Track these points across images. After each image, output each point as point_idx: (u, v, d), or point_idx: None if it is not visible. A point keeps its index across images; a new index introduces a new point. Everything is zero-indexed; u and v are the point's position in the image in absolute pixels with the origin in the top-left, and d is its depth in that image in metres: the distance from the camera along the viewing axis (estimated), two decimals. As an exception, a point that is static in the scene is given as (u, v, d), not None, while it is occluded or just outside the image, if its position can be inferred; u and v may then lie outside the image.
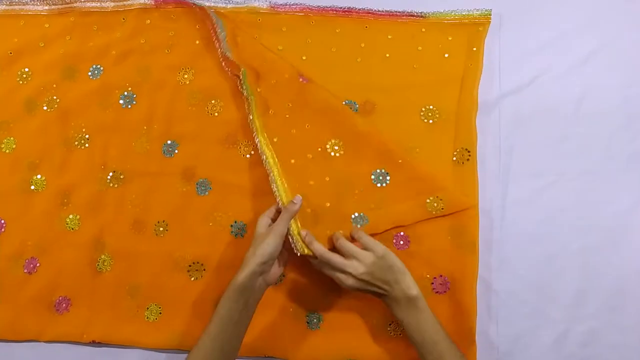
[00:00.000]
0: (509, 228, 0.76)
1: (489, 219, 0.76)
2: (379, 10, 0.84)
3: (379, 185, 0.76)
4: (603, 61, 0.80)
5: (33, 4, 0.89)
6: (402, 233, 0.76)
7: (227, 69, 0.83)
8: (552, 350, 0.73)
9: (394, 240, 0.76)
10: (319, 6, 0.85)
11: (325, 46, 0.84)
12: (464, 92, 0.79)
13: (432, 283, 0.75)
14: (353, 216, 0.74)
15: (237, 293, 0.66)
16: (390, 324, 0.74)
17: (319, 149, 0.77)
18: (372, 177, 0.76)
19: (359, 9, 0.84)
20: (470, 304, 0.73)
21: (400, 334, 0.74)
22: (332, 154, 0.77)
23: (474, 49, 0.80)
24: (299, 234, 0.70)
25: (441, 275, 0.75)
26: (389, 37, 0.83)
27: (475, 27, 0.81)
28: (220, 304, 0.66)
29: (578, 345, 0.73)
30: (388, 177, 0.76)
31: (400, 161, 0.76)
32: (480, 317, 0.73)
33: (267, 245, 0.66)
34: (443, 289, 0.74)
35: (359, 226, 0.74)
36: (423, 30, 0.83)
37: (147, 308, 0.78)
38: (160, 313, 0.78)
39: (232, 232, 0.79)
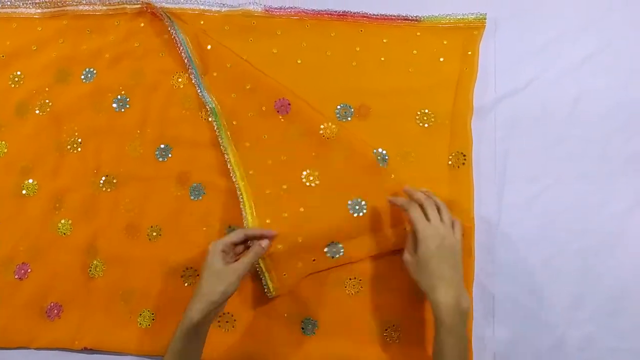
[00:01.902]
0: (505, 232, 0.76)
1: (485, 223, 0.76)
2: (374, 14, 0.84)
3: (355, 215, 0.73)
4: (598, 64, 0.80)
5: (26, 7, 0.89)
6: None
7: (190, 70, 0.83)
8: (549, 355, 0.73)
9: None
10: (314, 10, 0.85)
11: (320, 50, 0.84)
12: (459, 96, 0.79)
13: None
14: (327, 248, 0.74)
15: (192, 331, 0.63)
16: (386, 329, 0.74)
17: (294, 179, 0.76)
18: (349, 206, 0.74)
19: (354, 13, 0.84)
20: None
21: (397, 340, 0.73)
22: (308, 184, 0.76)
23: (469, 52, 0.80)
24: (268, 273, 0.71)
25: None
26: (384, 41, 0.83)
27: (470, 31, 0.81)
28: (174, 343, 0.63)
29: (575, 350, 0.73)
30: (365, 206, 0.74)
31: (378, 190, 0.74)
32: (476, 321, 0.73)
33: (230, 286, 0.63)
34: None
35: (333, 258, 0.73)
36: (418, 34, 0.83)
37: (140, 314, 0.77)
38: (153, 319, 0.77)
39: (226, 237, 0.78)
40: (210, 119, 0.80)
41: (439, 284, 0.61)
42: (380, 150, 0.77)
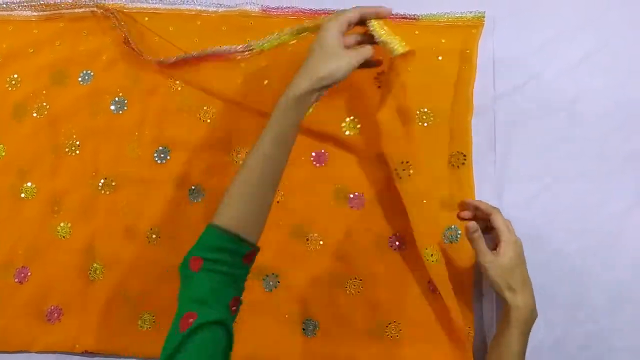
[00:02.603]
0: (505, 232, 0.76)
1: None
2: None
3: None
4: (597, 63, 0.80)
5: (22, 10, 0.88)
6: (397, 234, 0.76)
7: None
8: (550, 354, 0.73)
9: (389, 242, 0.76)
10: (311, 9, 0.84)
11: None
12: (458, 95, 0.78)
13: (429, 281, 0.74)
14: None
15: (293, 105, 0.60)
16: (387, 326, 0.74)
17: None
18: None
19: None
20: (467, 304, 0.73)
21: (397, 336, 0.73)
22: None
23: (468, 51, 0.80)
24: (394, 35, 0.64)
25: None
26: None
27: (468, 29, 0.81)
28: (271, 123, 0.61)
29: (575, 349, 0.73)
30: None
31: None
32: (477, 321, 0.73)
33: (340, 69, 0.60)
34: None
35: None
36: (416, 32, 0.82)
37: (141, 317, 0.77)
38: (153, 321, 0.77)
39: (225, 238, 0.78)
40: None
41: (522, 289, 0.65)
42: None
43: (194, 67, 0.82)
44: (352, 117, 0.78)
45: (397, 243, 0.76)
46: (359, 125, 0.77)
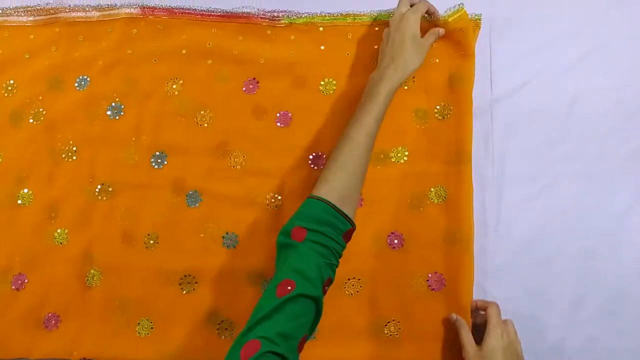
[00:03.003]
0: (504, 233, 0.76)
1: (483, 225, 0.76)
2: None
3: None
4: (596, 63, 0.79)
5: (17, 15, 0.88)
6: (396, 232, 0.76)
7: None
8: (549, 356, 0.73)
9: (388, 240, 0.76)
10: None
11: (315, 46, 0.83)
12: (456, 97, 0.78)
13: (428, 280, 0.74)
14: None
15: (390, 95, 0.68)
16: (385, 325, 0.73)
17: None
18: None
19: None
20: (467, 303, 0.72)
21: (397, 335, 0.73)
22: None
23: (463, 52, 0.79)
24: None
25: (436, 272, 0.74)
26: (375, 47, 0.82)
27: (465, 31, 0.80)
28: (372, 106, 0.67)
29: (576, 351, 0.73)
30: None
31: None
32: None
33: (421, 61, 0.72)
34: (439, 286, 0.74)
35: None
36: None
37: (139, 323, 0.77)
38: (151, 328, 0.77)
39: (223, 243, 0.78)
40: None
41: None
42: None
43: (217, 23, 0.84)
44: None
45: (395, 241, 0.76)
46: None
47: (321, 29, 0.83)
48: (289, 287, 0.56)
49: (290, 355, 0.53)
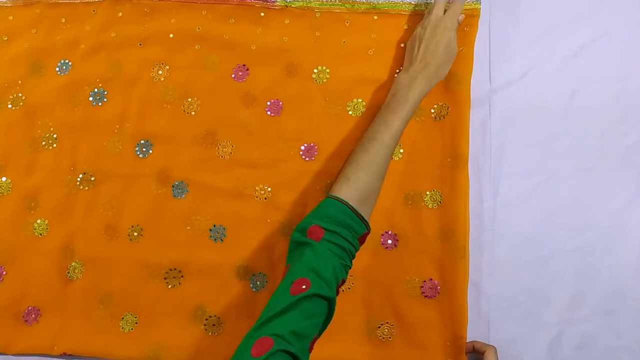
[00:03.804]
0: (501, 229, 0.74)
1: (480, 220, 0.74)
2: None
3: None
4: (596, 55, 0.77)
5: (-4, -5, 0.84)
6: (390, 232, 0.74)
7: None
8: (546, 355, 0.72)
9: (382, 239, 0.74)
10: None
11: (309, 36, 0.80)
12: (454, 89, 0.75)
13: (422, 287, 0.72)
14: None
15: (417, 104, 0.69)
16: (379, 327, 0.72)
17: None
18: None
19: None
20: (461, 311, 0.71)
21: (390, 338, 0.72)
22: None
23: (462, 49, 0.76)
24: None
25: (431, 279, 0.72)
26: (373, 36, 0.79)
27: (464, 21, 0.77)
28: (401, 108, 0.67)
29: (573, 349, 0.72)
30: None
31: None
32: (471, 321, 0.71)
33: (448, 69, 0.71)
34: (432, 293, 0.72)
35: None
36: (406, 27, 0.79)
37: (122, 318, 0.75)
38: (136, 323, 0.75)
39: (210, 236, 0.75)
40: None
41: None
42: None
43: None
44: (359, 100, 0.77)
45: (389, 241, 0.74)
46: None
47: (318, 14, 0.80)
48: (304, 286, 0.56)
49: (302, 355, 0.53)
